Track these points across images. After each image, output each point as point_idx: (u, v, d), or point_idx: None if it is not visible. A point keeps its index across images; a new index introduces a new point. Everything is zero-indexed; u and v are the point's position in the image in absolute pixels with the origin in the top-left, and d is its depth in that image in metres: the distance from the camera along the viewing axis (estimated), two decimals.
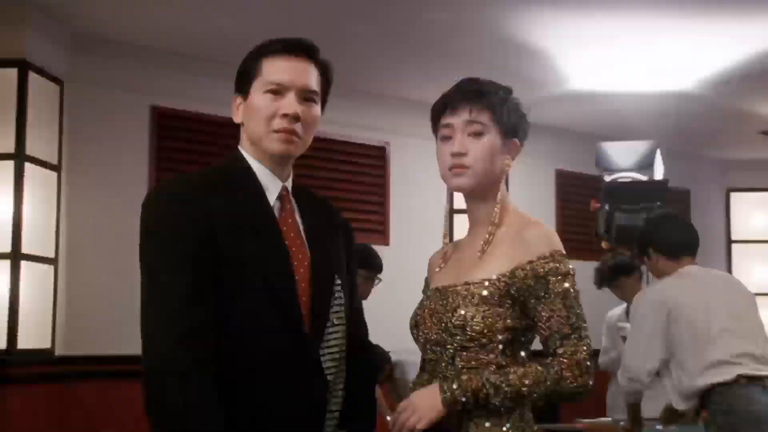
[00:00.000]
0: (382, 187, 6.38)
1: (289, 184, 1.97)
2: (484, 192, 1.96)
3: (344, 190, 6.13)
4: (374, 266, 4.13)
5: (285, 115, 1.88)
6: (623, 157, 4.99)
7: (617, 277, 4.84)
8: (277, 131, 1.89)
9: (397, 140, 6.43)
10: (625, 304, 4.89)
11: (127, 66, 5.22)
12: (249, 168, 1.92)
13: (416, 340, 1.99)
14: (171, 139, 5.39)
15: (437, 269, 2.04)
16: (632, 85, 6.02)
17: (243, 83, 1.94)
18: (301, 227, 1.93)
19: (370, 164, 6.37)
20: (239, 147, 1.96)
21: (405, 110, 6.34)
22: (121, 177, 5.16)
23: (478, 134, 1.93)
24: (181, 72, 5.40)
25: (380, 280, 4.18)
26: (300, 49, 1.93)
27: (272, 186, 1.92)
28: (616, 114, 6.61)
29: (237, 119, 1.96)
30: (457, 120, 1.93)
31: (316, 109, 1.96)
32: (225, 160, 1.96)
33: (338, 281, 1.92)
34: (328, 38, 5.08)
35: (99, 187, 5.11)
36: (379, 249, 5.19)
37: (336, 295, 1.90)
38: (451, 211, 2.07)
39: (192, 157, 5.34)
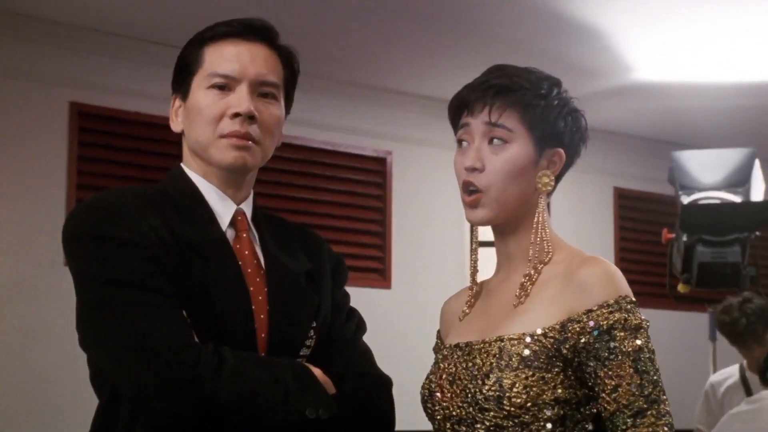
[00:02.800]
0: (381, 211, 6.37)
1: (247, 207, 2.01)
2: (513, 222, 1.96)
3: (332, 216, 6.12)
4: None
5: (236, 115, 1.92)
6: (708, 171, 4.96)
7: (755, 331, 4.80)
8: (225, 136, 1.92)
9: (401, 149, 6.43)
10: (737, 369, 4.86)
11: (40, 50, 5.21)
12: (194, 187, 1.96)
13: (430, 416, 1.97)
14: (96, 146, 5.39)
15: (459, 320, 2.02)
16: (719, 75, 6.01)
17: (182, 80, 1.99)
18: (262, 262, 1.96)
19: (367, 181, 6.36)
20: (182, 164, 2.01)
21: (412, 110, 6.34)
22: (30, 193, 5.14)
23: (499, 142, 1.93)
24: (111, 58, 5.40)
25: None
26: (252, 31, 1.97)
27: (223, 210, 1.96)
28: (698, 113, 6.61)
29: (176, 127, 2.01)
30: (477, 121, 1.94)
31: (277, 107, 1.99)
32: (163, 180, 2.01)
33: (311, 333, 1.96)
34: (308, 16, 5.14)
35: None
36: (378, 293, 5.16)
37: (303, 351, 1.96)
38: (475, 244, 2.07)
39: (125, 170, 5.34)
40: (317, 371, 1.86)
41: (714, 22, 5.29)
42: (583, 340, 1.83)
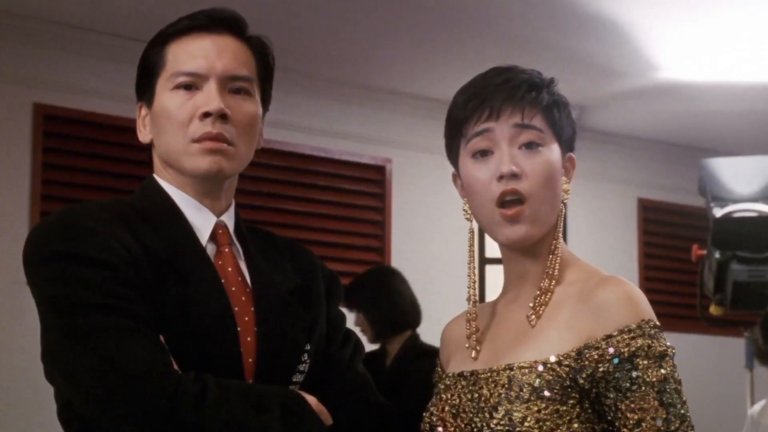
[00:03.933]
0: (380, 225, 6.38)
1: (228, 219, 2.01)
2: (540, 235, 1.95)
3: (326, 230, 6.13)
4: None
5: (205, 115, 1.91)
6: (742, 181, 4.96)
7: None
8: (198, 140, 1.92)
9: (402, 156, 6.45)
10: None
11: (0, 46, 5.22)
12: (168, 199, 1.96)
13: None
14: (63, 152, 5.40)
15: (466, 346, 2.01)
16: (754, 75, 6.02)
17: (145, 84, 2.00)
18: (248, 279, 1.96)
19: (365, 191, 6.39)
20: (154, 175, 2.01)
21: (414, 113, 6.35)
22: None
23: (533, 146, 1.92)
24: (79, 56, 5.41)
25: None
26: (217, 22, 1.97)
27: (202, 223, 1.96)
28: (731, 117, 6.62)
29: (144, 138, 2.01)
30: (503, 126, 1.92)
31: (252, 104, 1.99)
32: (134, 193, 2.01)
33: (304, 357, 1.96)
34: (301, 13, 5.14)
35: None
36: None
37: (295, 378, 1.95)
38: (482, 260, 2.07)
39: (95, 179, 5.35)
40: (311, 399, 1.85)
41: (749, 17, 5.30)
42: (601, 369, 1.81)
